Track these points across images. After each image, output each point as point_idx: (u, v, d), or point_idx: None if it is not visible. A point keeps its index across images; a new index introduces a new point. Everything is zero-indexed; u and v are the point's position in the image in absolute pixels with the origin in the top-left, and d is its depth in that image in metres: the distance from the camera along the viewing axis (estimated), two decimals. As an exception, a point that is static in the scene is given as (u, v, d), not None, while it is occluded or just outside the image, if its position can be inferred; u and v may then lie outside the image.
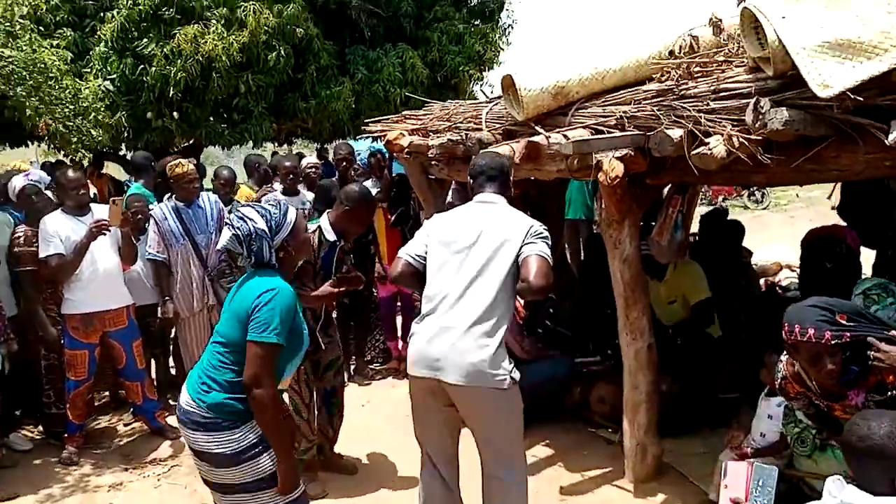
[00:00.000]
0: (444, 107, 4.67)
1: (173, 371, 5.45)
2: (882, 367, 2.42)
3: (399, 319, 5.78)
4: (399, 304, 5.64)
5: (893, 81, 2.33)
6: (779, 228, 8.48)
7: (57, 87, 5.10)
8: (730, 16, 3.20)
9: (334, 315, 4.20)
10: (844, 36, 2.29)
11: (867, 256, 5.34)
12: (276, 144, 11.89)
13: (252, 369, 2.33)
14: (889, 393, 2.48)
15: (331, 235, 3.68)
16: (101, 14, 8.04)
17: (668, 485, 3.72)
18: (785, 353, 2.68)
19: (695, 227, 5.78)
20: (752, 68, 2.85)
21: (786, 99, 2.57)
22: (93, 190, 5.50)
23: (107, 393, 5.29)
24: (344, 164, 5.72)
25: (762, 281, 6.65)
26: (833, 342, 2.33)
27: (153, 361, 5.24)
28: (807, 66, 2.35)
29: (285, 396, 3.42)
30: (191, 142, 9.28)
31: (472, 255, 2.82)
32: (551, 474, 3.96)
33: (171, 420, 4.82)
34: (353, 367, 5.64)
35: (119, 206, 4.25)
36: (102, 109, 6.02)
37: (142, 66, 7.70)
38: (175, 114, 8.10)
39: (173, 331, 5.15)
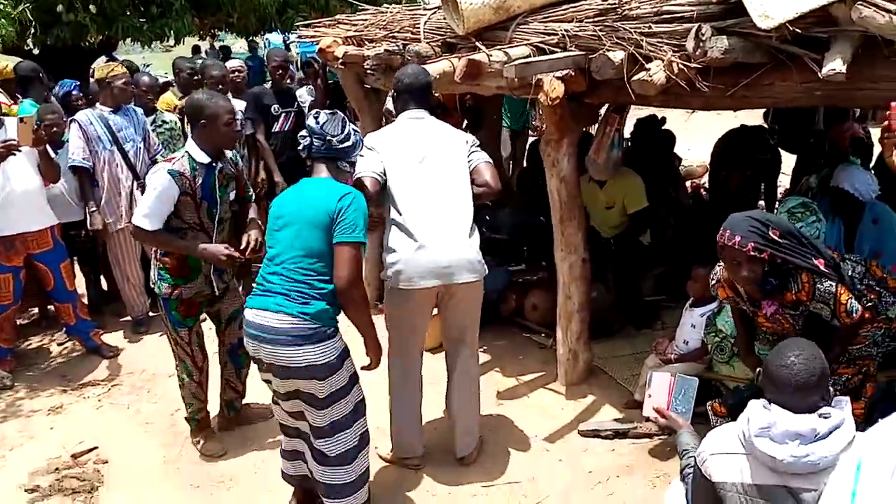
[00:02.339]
0: (379, 12, 4.46)
1: (105, 287, 5.34)
2: (800, 290, 2.60)
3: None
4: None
5: (830, 14, 2.35)
6: (704, 128, 8.56)
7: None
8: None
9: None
10: (788, -33, 2.28)
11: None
12: (200, 39, 11.18)
13: (346, 270, 2.51)
14: (801, 309, 2.67)
15: (202, 157, 3.15)
16: None
17: (596, 387, 3.97)
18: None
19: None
20: (695, -9, 2.81)
21: (726, 26, 2.57)
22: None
23: (35, 310, 5.15)
24: (280, 71, 5.44)
25: (688, 183, 6.85)
26: (752, 253, 2.50)
27: (84, 279, 5.09)
28: (749, -4, 2.34)
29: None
30: (104, 36, 8.61)
31: (431, 167, 2.99)
32: (488, 380, 4.13)
33: (107, 338, 4.78)
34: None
35: (29, 123, 3.91)
36: (3, -1, 5.44)
37: (47, -49, 7.00)
38: (91, 7, 7.44)
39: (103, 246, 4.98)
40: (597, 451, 3.41)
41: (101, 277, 5.29)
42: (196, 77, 5.47)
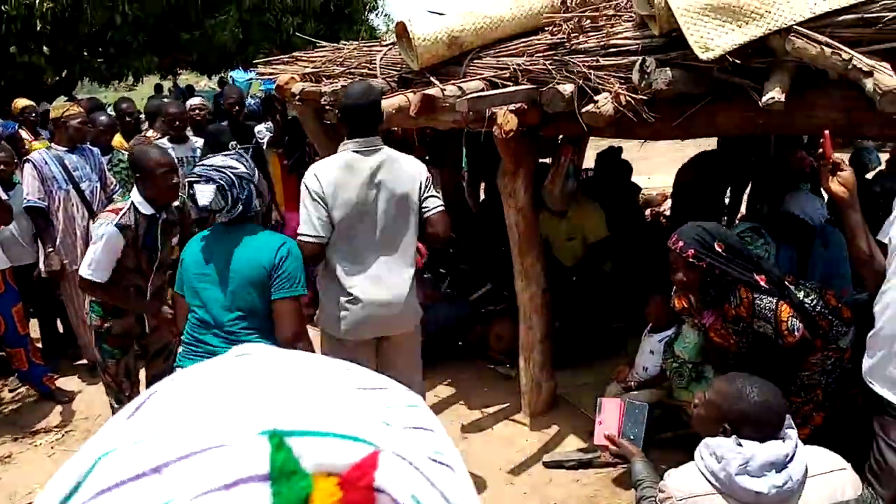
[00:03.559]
0: (336, 48, 4.50)
1: (60, 330, 5.20)
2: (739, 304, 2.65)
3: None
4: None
5: (768, 45, 2.43)
6: (663, 155, 8.74)
7: None
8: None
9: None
10: (725, 0, 2.36)
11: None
12: (161, 78, 11.15)
13: (293, 325, 2.39)
14: (742, 325, 2.72)
15: (146, 209, 3.15)
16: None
17: (560, 417, 3.95)
18: None
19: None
20: (639, 24, 2.89)
21: (670, 59, 2.64)
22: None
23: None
24: (236, 108, 5.47)
25: (647, 211, 6.96)
26: (691, 260, 2.62)
27: (38, 323, 4.96)
28: (689, 29, 2.41)
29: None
30: (61, 77, 8.54)
31: (378, 211, 2.88)
32: (452, 413, 4.10)
33: (62, 382, 4.64)
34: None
35: None
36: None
37: (-3, -6, 6.95)
38: (45, 48, 7.38)
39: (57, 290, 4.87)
40: (561, 482, 3.39)
41: (57, 320, 5.16)
42: (128, 119, 5.55)
